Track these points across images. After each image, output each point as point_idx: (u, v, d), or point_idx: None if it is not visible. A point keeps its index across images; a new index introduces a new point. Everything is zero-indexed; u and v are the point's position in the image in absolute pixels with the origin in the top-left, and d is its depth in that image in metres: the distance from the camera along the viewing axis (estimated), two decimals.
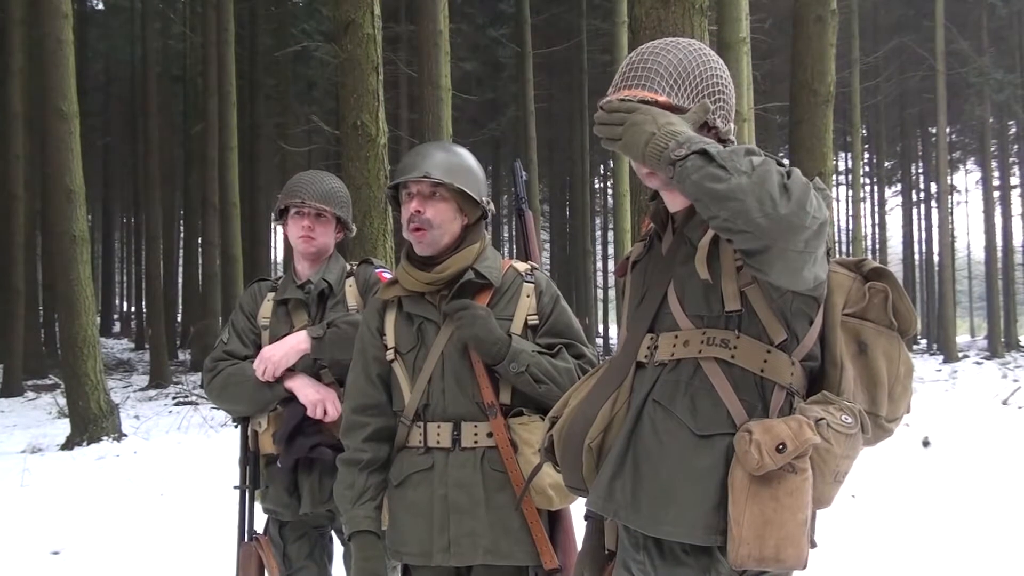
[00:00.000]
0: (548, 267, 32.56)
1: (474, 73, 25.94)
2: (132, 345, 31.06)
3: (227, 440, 9.97)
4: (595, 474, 1.93)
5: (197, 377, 19.01)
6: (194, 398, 15.65)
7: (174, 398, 16.43)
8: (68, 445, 10.47)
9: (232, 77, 18.28)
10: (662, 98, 1.85)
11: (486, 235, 2.76)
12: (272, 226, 29.32)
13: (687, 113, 1.83)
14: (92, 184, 20.75)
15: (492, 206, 2.72)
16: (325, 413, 3.04)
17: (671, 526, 1.80)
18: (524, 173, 3.09)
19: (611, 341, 28.12)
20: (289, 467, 3.06)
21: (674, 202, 1.97)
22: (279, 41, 22.78)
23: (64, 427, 11.16)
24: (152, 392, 17.79)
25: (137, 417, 13.09)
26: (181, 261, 30.03)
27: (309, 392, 3.05)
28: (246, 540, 3.22)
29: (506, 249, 38.52)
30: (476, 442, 2.54)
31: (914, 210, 39.62)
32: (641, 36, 5.38)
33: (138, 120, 26.12)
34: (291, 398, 3.07)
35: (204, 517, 6.34)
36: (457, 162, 2.63)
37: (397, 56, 17.75)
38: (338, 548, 3.29)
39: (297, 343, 3.07)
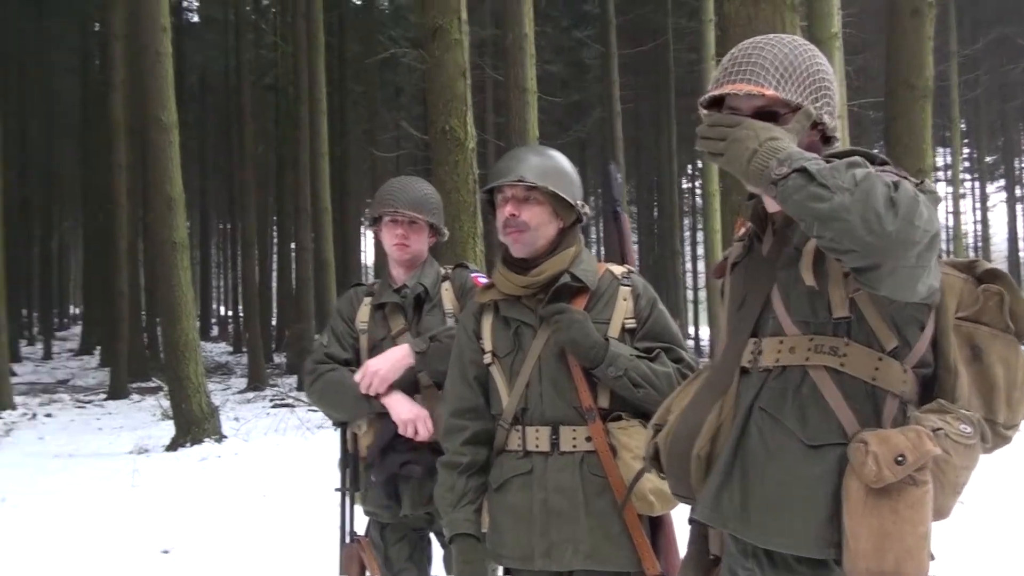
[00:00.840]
0: (636, 268, 32.23)
1: (559, 75, 25.94)
2: (230, 348, 31.86)
3: (324, 442, 10.15)
4: (703, 483, 1.91)
5: (293, 380, 19.41)
6: (290, 400, 15.96)
7: (271, 400, 16.76)
8: (172, 446, 10.77)
9: (323, 85, 18.58)
10: (769, 91, 1.82)
11: (581, 238, 2.76)
12: (361, 230, 29.79)
13: (790, 124, 1.79)
14: (190, 191, 21.36)
15: (587, 209, 2.72)
16: (416, 432, 3.07)
17: (782, 538, 1.77)
18: (619, 175, 3.07)
19: (702, 343, 27.79)
20: (381, 482, 3.10)
21: (773, 203, 1.94)
22: (367, 48, 23.10)
23: (168, 428, 11.50)
24: (250, 394, 18.19)
25: (237, 419, 13.38)
26: (275, 265, 30.67)
27: (402, 411, 3.07)
28: (348, 542, 3.27)
29: (593, 251, 38.39)
30: (575, 446, 2.53)
31: (1019, 206, 38.29)
32: (731, 34, 5.32)
33: (233, 128, 26.77)
34: (386, 413, 3.12)
35: (306, 518, 6.46)
36: (551, 165, 2.64)
37: (483, 60, 17.87)
38: (437, 551, 3.32)
39: (401, 357, 3.10)
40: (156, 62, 11.30)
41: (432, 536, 3.32)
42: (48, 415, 15.35)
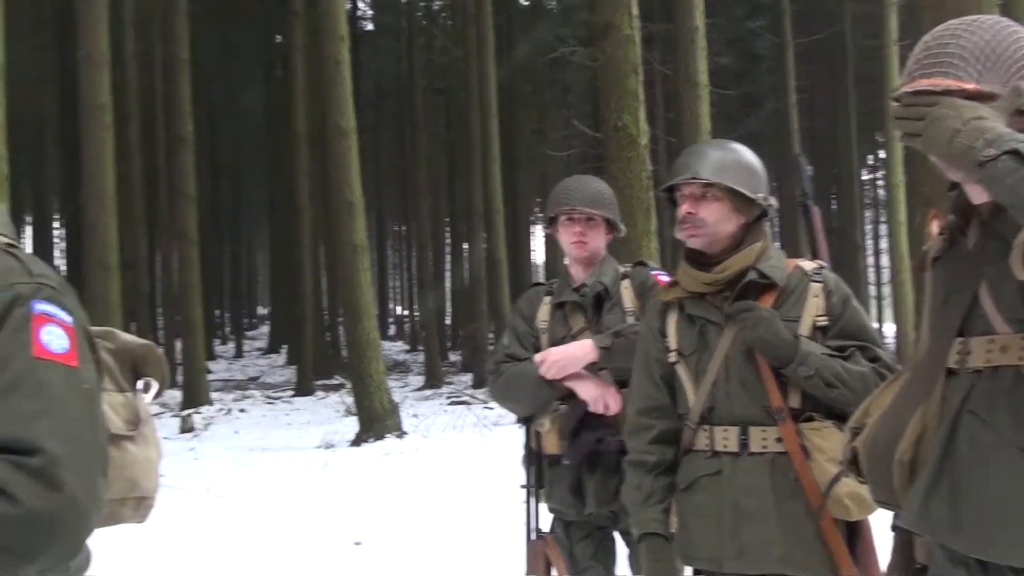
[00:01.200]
0: (829, 264, 31.20)
1: (731, 67, 25.42)
2: (407, 347, 32.76)
3: (501, 438, 10.28)
4: (907, 489, 1.83)
5: (469, 377, 19.78)
6: (466, 398, 16.26)
7: (447, 397, 17.10)
8: (357, 441, 11.13)
9: (492, 87, 18.82)
10: (970, 85, 1.68)
11: (769, 233, 2.69)
12: (531, 230, 30.05)
13: (996, 101, 1.68)
14: (366, 194, 22.13)
15: (774, 202, 2.64)
16: (607, 408, 3.06)
17: (998, 548, 1.67)
18: (809, 167, 2.98)
19: (886, 340, 26.71)
20: (577, 463, 3.10)
21: (979, 194, 1.83)
22: (535, 48, 23.29)
23: (351, 424, 11.91)
24: (427, 392, 18.62)
25: (415, 416, 13.70)
26: (449, 265, 31.34)
27: (589, 387, 3.08)
28: (533, 539, 3.30)
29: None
30: (765, 447, 2.47)
31: None
32: (924, 17, 5.09)
33: (406, 133, 27.51)
34: (571, 395, 3.12)
35: (489, 514, 6.57)
36: (731, 159, 2.58)
37: (652, 55, 17.67)
38: (621, 549, 3.31)
39: (584, 353, 3.10)
40: (335, 71, 11.72)
41: (617, 535, 3.31)
42: (241, 410, 16.21)
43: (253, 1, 27.69)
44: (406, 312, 41.24)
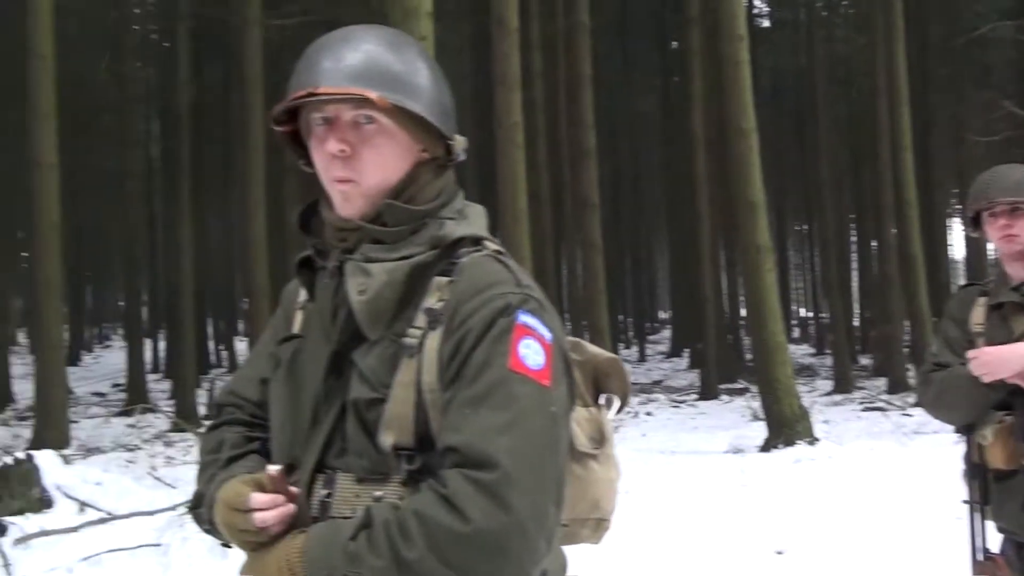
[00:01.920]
0: None
1: None
2: (812, 350, 31.78)
3: (924, 448, 9.65)
4: None
5: (882, 382, 18.80)
6: (881, 404, 15.47)
7: (860, 403, 16.45)
8: (766, 447, 10.94)
9: (902, 73, 17.68)
10: None
11: None
12: (947, 223, 27.90)
13: None
14: (766, 194, 21.72)
15: None
16: None
17: None
18: None
19: None
20: None
21: None
22: (951, 28, 21.61)
23: (758, 429, 11.73)
24: (837, 397, 18.04)
25: (826, 422, 13.25)
26: (855, 264, 29.96)
27: None
28: (979, 559, 3.04)
29: None
30: None
31: None
32: None
33: (806, 128, 26.69)
34: (1016, 392, 2.82)
35: (921, 527, 6.18)
36: None
37: None
38: None
39: (1019, 358, 2.79)
40: (735, 71, 11.64)
41: None
42: (648, 414, 16.53)
43: (648, 11, 28.32)
44: (810, 314, 40.00)
